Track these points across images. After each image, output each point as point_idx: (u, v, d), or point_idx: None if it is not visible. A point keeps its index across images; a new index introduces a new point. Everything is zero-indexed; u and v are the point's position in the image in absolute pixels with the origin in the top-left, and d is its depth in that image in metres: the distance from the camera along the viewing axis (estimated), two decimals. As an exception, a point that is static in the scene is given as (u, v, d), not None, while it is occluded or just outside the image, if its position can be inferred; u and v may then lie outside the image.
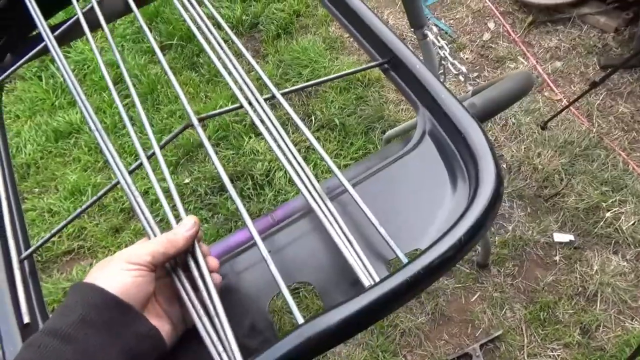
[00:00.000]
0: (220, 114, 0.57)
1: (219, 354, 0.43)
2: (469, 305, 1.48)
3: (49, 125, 1.92)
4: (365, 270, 0.46)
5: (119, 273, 0.45)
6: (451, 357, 1.37)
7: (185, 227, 0.48)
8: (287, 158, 0.54)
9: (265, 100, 0.59)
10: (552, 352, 1.38)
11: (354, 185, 0.56)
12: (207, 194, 1.73)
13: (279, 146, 0.55)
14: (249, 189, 1.71)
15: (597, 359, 1.35)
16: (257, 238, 0.48)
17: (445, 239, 0.46)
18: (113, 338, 0.41)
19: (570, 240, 1.56)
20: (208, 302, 0.45)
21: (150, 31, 2.15)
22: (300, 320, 0.42)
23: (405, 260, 0.46)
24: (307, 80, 1.95)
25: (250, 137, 1.83)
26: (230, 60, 0.61)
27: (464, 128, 0.56)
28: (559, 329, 1.41)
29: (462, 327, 1.45)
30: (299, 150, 1.66)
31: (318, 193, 0.52)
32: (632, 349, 1.30)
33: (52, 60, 2.05)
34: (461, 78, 1.12)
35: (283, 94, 0.60)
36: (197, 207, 1.71)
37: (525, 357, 1.37)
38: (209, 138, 1.84)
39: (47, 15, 0.81)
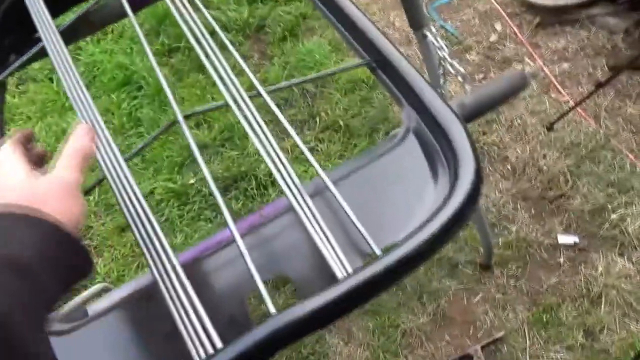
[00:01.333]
0: (204, 111, 0.59)
1: (200, 344, 0.44)
2: (471, 306, 1.48)
3: (58, 126, 1.96)
4: (340, 264, 0.47)
5: (75, 204, 0.47)
6: (452, 358, 1.36)
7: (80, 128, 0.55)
8: (268, 154, 0.55)
9: (250, 97, 0.60)
10: (555, 354, 1.37)
11: (338, 183, 0.57)
12: (211, 195, 1.74)
13: (262, 144, 0.56)
14: (252, 189, 1.72)
15: (600, 362, 1.34)
16: (235, 232, 0.49)
17: (419, 232, 0.47)
18: (61, 274, 0.42)
19: (574, 242, 1.55)
20: (181, 292, 0.46)
21: (159, 34, 2.20)
22: (273, 311, 0.43)
23: (379, 253, 0.47)
24: (312, 82, 1.97)
25: (255, 138, 1.84)
26: (218, 58, 0.62)
27: (446, 124, 0.56)
28: (562, 331, 1.40)
29: (464, 328, 1.44)
30: (296, 157, 1.67)
31: (298, 190, 0.53)
32: (636, 351, 1.28)
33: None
34: (460, 79, 1.12)
35: (269, 92, 0.61)
36: (202, 207, 1.73)
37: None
38: (214, 139, 1.86)
39: (55, 15, 0.82)
